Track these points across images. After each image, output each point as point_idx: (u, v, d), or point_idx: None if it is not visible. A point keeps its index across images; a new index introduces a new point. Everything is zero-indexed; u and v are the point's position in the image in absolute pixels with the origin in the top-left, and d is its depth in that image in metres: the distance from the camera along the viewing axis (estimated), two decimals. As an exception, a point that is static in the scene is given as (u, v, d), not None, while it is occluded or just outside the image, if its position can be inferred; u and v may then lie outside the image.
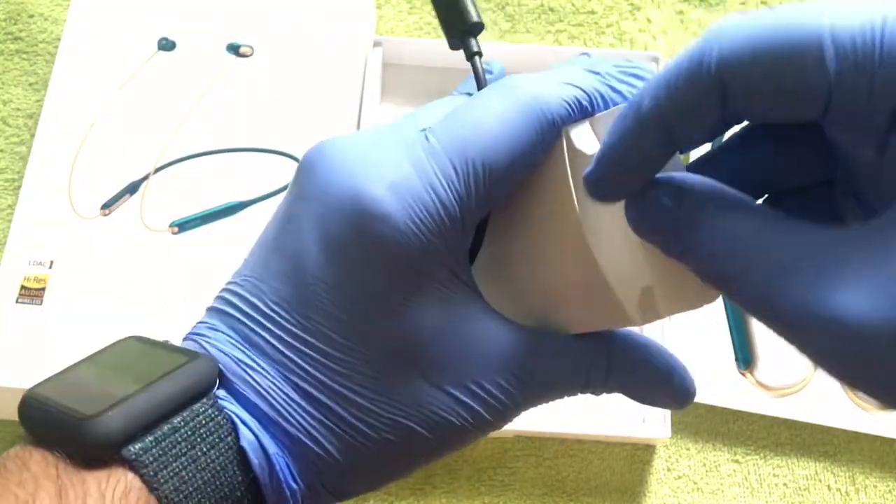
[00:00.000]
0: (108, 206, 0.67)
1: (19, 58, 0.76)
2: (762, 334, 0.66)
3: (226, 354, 0.31)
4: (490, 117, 0.30)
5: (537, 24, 0.77)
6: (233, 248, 0.66)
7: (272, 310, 0.31)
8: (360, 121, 0.70)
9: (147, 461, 0.29)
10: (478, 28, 0.35)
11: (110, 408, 0.29)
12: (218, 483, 0.30)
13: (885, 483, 0.63)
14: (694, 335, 0.65)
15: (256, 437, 0.30)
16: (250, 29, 0.73)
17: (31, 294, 0.64)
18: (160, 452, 0.29)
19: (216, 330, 0.32)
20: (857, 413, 0.64)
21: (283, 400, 0.31)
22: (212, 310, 0.33)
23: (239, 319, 0.32)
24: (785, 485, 0.63)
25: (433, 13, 0.78)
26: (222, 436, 0.30)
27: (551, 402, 0.33)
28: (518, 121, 0.30)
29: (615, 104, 0.31)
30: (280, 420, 0.31)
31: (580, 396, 0.33)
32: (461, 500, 0.63)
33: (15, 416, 0.30)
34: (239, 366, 0.31)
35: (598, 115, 0.31)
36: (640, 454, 0.64)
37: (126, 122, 0.70)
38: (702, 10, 0.78)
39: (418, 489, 0.63)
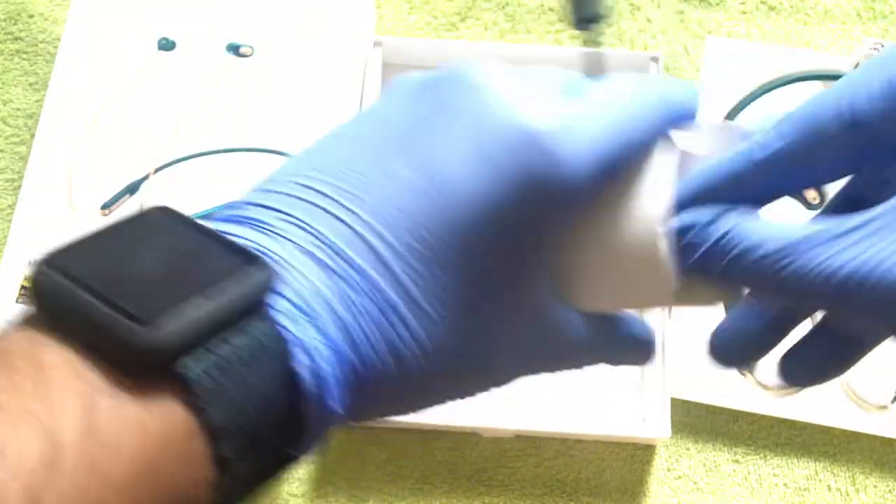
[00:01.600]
0: (108, 206, 0.67)
1: (19, 58, 0.76)
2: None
3: (308, 255, 0.28)
4: (631, 100, 0.31)
5: (537, 24, 0.77)
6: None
7: (391, 213, 0.28)
8: (360, 121, 0.70)
9: (203, 382, 0.24)
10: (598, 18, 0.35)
11: (166, 312, 0.24)
12: (268, 412, 0.25)
13: (885, 483, 0.63)
14: (695, 335, 0.65)
15: (310, 356, 0.27)
16: (250, 29, 0.73)
17: (31, 294, 0.64)
18: (218, 373, 0.24)
19: (296, 223, 0.28)
20: (857, 413, 0.64)
21: (365, 313, 0.28)
22: (281, 195, 0.29)
23: (336, 216, 0.28)
24: (785, 485, 0.63)
25: (433, 13, 0.78)
26: (277, 357, 0.26)
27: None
28: (652, 112, 0.31)
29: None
30: (355, 334, 0.28)
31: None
32: (461, 500, 0.63)
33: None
34: (326, 272, 0.28)
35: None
36: (640, 454, 0.64)
37: (126, 123, 0.70)
38: (702, 10, 0.78)
39: (418, 489, 0.63)
